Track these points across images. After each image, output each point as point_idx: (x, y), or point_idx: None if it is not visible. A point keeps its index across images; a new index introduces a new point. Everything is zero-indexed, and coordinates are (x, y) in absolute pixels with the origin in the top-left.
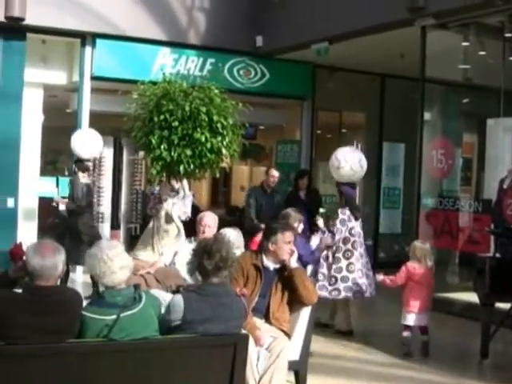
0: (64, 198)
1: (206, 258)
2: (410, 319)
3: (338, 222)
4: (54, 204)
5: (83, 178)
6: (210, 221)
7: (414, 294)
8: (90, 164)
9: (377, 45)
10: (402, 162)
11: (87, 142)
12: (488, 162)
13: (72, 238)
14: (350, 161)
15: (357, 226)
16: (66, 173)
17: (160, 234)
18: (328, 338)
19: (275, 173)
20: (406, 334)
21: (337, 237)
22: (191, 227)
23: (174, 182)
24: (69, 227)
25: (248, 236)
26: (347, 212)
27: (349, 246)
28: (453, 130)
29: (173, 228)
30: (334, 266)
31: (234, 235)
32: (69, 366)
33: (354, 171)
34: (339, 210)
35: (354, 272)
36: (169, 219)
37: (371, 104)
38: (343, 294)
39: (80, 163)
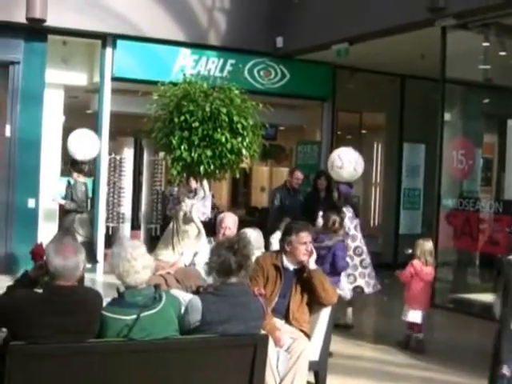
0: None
1: (232, 255)
2: (412, 316)
3: (346, 220)
4: (53, 202)
5: (79, 178)
6: (230, 222)
7: (416, 291)
8: (85, 166)
9: (397, 45)
10: (423, 163)
11: (83, 143)
12: (509, 162)
13: (64, 235)
14: (353, 162)
15: (358, 223)
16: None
17: (180, 234)
18: (346, 338)
19: (300, 175)
20: (411, 332)
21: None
22: (210, 228)
23: (192, 182)
24: (64, 226)
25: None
26: (351, 210)
27: (357, 242)
28: (473, 131)
29: (192, 228)
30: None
31: (254, 236)
32: (89, 365)
33: (356, 172)
34: (344, 209)
35: (368, 267)
36: (186, 220)
37: (391, 105)
38: (366, 290)
39: (75, 164)
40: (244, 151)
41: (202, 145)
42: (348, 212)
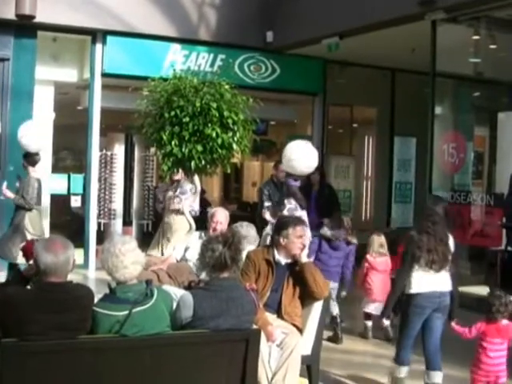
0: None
1: (227, 250)
2: (372, 307)
3: (285, 211)
4: (2, 197)
5: (34, 173)
6: (221, 217)
7: (375, 283)
8: (39, 157)
9: (387, 39)
10: (414, 157)
11: (34, 134)
12: (500, 155)
13: (13, 232)
14: (310, 156)
15: (304, 215)
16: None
17: (168, 231)
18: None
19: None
20: (369, 323)
21: None
22: (200, 223)
23: (175, 175)
24: (14, 223)
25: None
26: (293, 202)
27: None
28: (464, 124)
29: (183, 223)
30: None
31: (248, 231)
32: (81, 361)
33: (308, 167)
34: (285, 201)
35: None
36: (168, 214)
37: (382, 99)
38: None
39: (29, 157)
40: (235, 146)
41: (192, 140)
42: (289, 204)
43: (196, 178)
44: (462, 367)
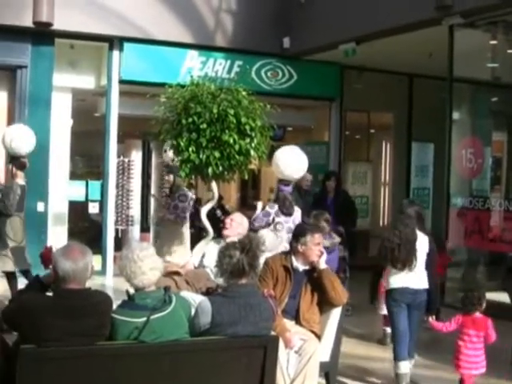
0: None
1: (244, 256)
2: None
3: (259, 212)
4: None
5: (20, 179)
6: (236, 217)
7: None
8: (27, 161)
9: (404, 44)
10: (432, 162)
11: (23, 138)
12: None
13: None
14: (300, 162)
15: (287, 222)
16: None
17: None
18: (355, 338)
19: (309, 176)
20: (388, 329)
21: (256, 224)
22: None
23: (167, 176)
24: None
25: None
26: (276, 207)
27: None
28: (482, 129)
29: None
30: None
31: (270, 238)
32: (100, 368)
33: (298, 173)
34: (268, 205)
35: None
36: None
37: (400, 104)
38: None
39: (17, 161)
40: (252, 152)
41: (210, 146)
42: (270, 208)
43: (214, 184)
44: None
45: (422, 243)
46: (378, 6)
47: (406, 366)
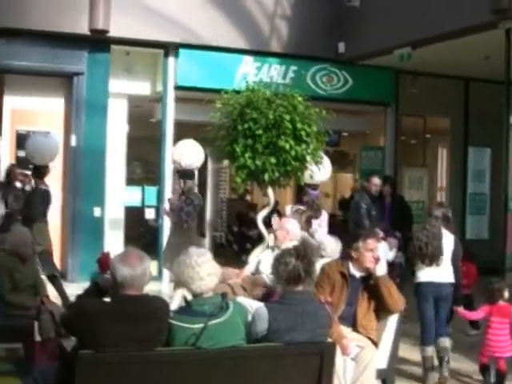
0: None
1: (300, 262)
2: None
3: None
4: None
5: (42, 185)
6: (292, 228)
7: None
8: (48, 170)
9: (460, 48)
10: (488, 167)
11: (47, 146)
12: None
13: None
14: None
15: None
16: None
17: None
18: (413, 345)
19: (377, 180)
20: None
21: None
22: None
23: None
24: None
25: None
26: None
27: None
28: None
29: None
30: None
31: (331, 244)
32: (157, 374)
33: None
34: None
35: None
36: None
37: (456, 108)
38: None
39: (38, 170)
40: (308, 158)
41: (266, 152)
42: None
43: (270, 190)
44: None
45: (448, 241)
46: (434, 11)
47: (431, 350)
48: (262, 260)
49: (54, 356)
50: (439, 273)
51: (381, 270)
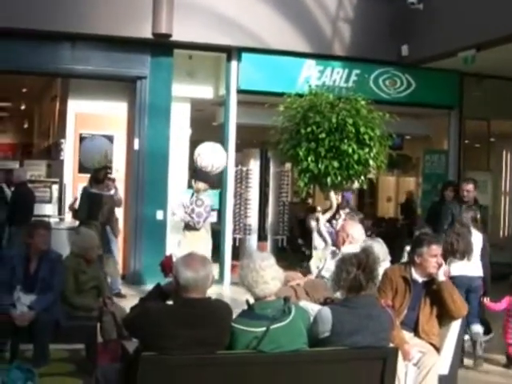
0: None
1: (361, 272)
2: None
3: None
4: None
5: (92, 189)
6: (354, 232)
7: None
8: (101, 174)
9: None
10: None
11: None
12: None
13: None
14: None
15: None
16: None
17: None
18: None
19: (469, 186)
20: None
21: None
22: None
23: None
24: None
25: None
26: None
27: None
28: None
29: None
30: None
31: (377, 247)
32: (219, 376)
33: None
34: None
35: None
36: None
37: None
38: None
39: (92, 174)
40: (371, 162)
41: (328, 156)
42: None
43: (332, 193)
44: None
45: (477, 239)
46: (499, 12)
47: (478, 327)
48: (323, 264)
49: (115, 357)
50: (470, 267)
51: (443, 275)
